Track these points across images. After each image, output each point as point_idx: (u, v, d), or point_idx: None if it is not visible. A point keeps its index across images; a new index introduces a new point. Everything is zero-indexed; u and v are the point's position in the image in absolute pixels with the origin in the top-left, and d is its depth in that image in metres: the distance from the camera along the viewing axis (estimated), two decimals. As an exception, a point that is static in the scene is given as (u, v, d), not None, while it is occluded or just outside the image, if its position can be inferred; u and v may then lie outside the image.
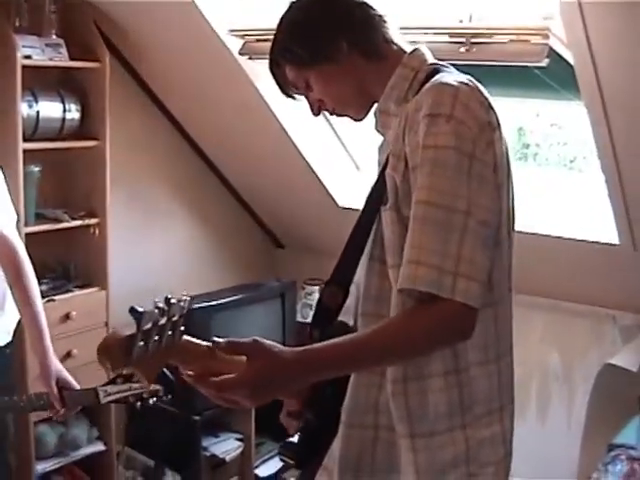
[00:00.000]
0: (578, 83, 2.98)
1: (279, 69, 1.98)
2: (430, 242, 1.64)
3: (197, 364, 1.72)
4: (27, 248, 3.00)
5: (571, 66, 2.97)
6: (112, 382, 2.54)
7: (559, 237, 3.69)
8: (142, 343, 1.59)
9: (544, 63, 3.08)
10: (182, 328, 1.66)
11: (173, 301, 1.60)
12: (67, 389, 2.82)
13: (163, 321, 1.60)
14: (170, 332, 1.64)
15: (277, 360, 1.63)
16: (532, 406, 4.06)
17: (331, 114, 2.03)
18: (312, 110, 2.01)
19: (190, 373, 1.69)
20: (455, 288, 1.61)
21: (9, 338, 2.99)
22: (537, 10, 3.12)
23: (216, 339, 1.65)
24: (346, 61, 1.89)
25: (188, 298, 1.64)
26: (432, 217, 1.65)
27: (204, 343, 1.76)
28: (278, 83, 2.02)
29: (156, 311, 1.57)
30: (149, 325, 1.58)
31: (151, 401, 2.44)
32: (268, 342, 1.65)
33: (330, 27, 1.89)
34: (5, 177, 3.00)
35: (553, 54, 3.07)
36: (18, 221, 3.07)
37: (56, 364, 2.84)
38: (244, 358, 1.63)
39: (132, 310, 1.56)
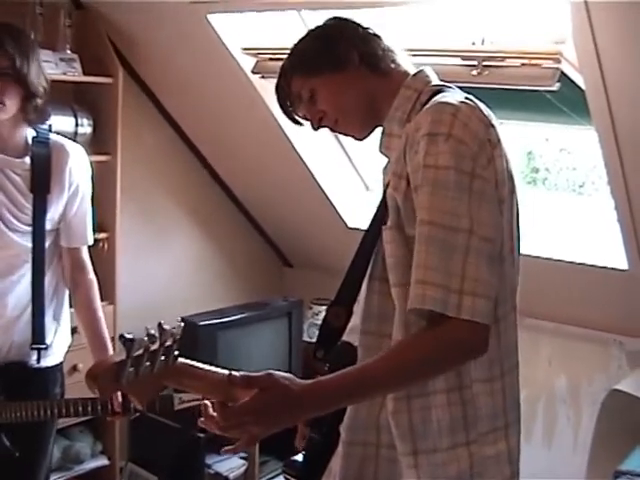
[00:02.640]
0: (589, 108, 2.99)
1: (286, 81, 1.99)
2: (435, 262, 1.65)
3: (195, 386, 1.74)
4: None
5: (582, 90, 2.98)
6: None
7: (568, 262, 3.69)
8: (132, 369, 1.60)
9: (555, 87, 3.09)
10: (176, 353, 1.67)
11: (166, 327, 1.61)
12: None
13: (155, 347, 1.61)
14: (163, 357, 1.65)
15: (287, 392, 1.64)
16: (538, 429, 4.05)
17: (332, 130, 2.03)
18: (312, 124, 2.02)
19: (206, 403, 1.73)
20: (461, 306, 1.62)
21: (61, 359, 3.00)
22: (549, 34, 3.13)
23: (233, 372, 1.66)
24: (355, 73, 1.92)
25: (181, 325, 1.65)
26: (436, 237, 1.66)
27: (202, 366, 1.78)
28: (280, 100, 2.03)
29: (146, 338, 1.58)
30: (140, 351, 1.59)
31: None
32: (281, 374, 1.66)
33: (344, 38, 1.93)
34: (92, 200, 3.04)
35: (564, 78, 3.08)
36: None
37: None
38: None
39: (122, 338, 1.57)
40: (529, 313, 3.54)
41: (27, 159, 2.79)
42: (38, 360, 2.86)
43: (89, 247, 3.05)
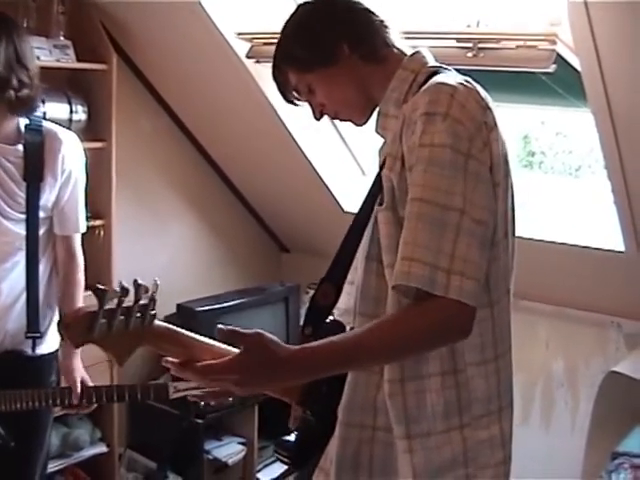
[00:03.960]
0: (585, 89, 2.98)
1: (282, 74, 2.00)
2: (424, 239, 1.64)
3: (177, 352, 1.74)
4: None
5: (578, 72, 2.97)
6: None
7: (564, 244, 3.69)
8: (104, 321, 1.61)
9: (551, 69, 3.08)
10: (152, 312, 1.68)
11: (140, 282, 1.62)
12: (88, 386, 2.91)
13: (129, 303, 1.62)
14: (139, 314, 1.65)
15: (272, 354, 1.63)
16: (536, 412, 4.05)
17: (333, 119, 2.05)
18: (314, 115, 2.03)
19: (173, 360, 1.72)
20: (449, 285, 1.61)
21: (56, 346, 3.01)
22: (544, 16, 3.12)
23: (220, 326, 1.65)
24: (347, 64, 1.91)
25: (158, 283, 1.65)
26: (426, 214, 1.65)
27: (188, 333, 1.79)
28: (280, 89, 2.04)
29: (119, 290, 1.59)
30: (113, 305, 1.60)
31: (212, 403, 2.43)
32: (269, 336, 1.66)
33: (332, 30, 1.92)
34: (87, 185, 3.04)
35: (560, 60, 3.07)
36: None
37: (79, 363, 2.91)
38: (230, 350, 1.66)
39: (94, 288, 1.58)
40: (526, 296, 3.54)
41: (20, 147, 2.79)
42: (33, 348, 2.86)
43: (85, 234, 3.05)
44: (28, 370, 2.88)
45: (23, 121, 2.83)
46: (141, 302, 1.65)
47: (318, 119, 2.03)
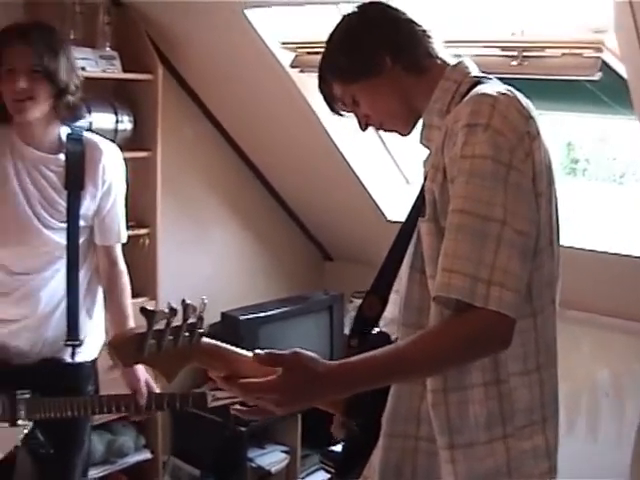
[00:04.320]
0: (631, 97, 2.96)
1: (327, 85, 2.01)
2: (464, 250, 1.64)
3: (222, 367, 1.75)
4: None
5: (624, 80, 2.95)
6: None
7: (609, 253, 3.66)
8: (154, 341, 1.62)
9: (597, 77, 3.06)
10: (201, 331, 1.69)
11: (188, 302, 1.63)
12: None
13: (178, 322, 1.63)
14: (187, 334, 1.66)
15: (311, 372, 1.63)
16: (582, 422, 4.02)
17: (378, 129, 2.05)
18: (360, 126, 2.04)
19: (218, 375, 1.73)
20: (489, 296, 1.60)
21: (95, 355, 3.02)
22: (589, 23, 3.10)
23: (257, 351, 1.66)
24: (390, 76, 1.92)
25: (206, 302, 1.67)
26: (467, 225, 1.65)
27: (232, 348, 1.80)
28: (326, 100, 2.05)
29: (167, 311, 1.60)
30: (162, 325, 1.61)
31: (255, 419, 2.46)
32: (307, 354, 1.66)
33: (375, 42, 1.92)
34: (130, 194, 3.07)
35: (605, 67, 3.05)
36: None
37: (142, 369, 2.88)
38: (277, 369, 1.65)
39: (143, 310, 1.59)
40: (570, 305, 3.51)
41: (61, 156, 2.81)
42: (72, 356, 2.88)
43: (129, 242, 3.06)
44: (66, 378, 2.89)
45: (65, 131, 2.85)
46: (189, 321, 1.66)
47: (364, 130, 2.04)
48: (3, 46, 2.69)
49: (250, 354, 1.75)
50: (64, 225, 2.81)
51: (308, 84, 3.90)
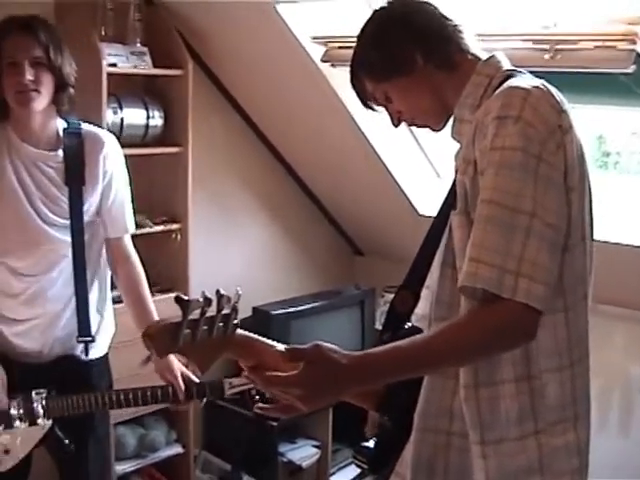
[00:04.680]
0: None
1: (359, 81, 2.02)
2: (492, 241, 1.63)
3: (252, 359, 1.76)
4: (109, 252, 3.04)
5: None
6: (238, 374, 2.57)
7: (642, 247, 3.63)
8: (188, 331, 1.63)
9: (631, 69, 3.03)
10: (235, 322, 1.69)
11: (223, 293, 1.63)
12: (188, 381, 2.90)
13: (212, 313, 1.63)
14: (221, 324, 1.66)
15: (334, 365, 1.63)
16: (614, 418, 3.99)
17: (410, 125, 2.05)
18: (392, 121, 2.04)
19: (246, 364, 1.75)
20: (517, 288, 1.60)
21: (106, 350, 3.03)
22: (622, 15, 3.07)
23: (279, 347, 1.66)
24: (422, 73, 1.91)
25: (240, 292, 1.66)
26: (496, 216, 1.64)
27: (264, 340, 1.81)
28: (358, 95, 2.05)
29: (202, 300, 1.60)
30: (196, 315, 1.61)
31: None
32: (328, 346, 1.65)
33: (405, 41, 1.92)
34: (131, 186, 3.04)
35: (639, 60, 3.02)
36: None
37: (175, 360, 2.88)
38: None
39: (177, 299, 1.59)
40: (603, 300, 3.47)
41: (60, 152, 2.79)
42: (86, 353, 2.88)
43: (161, 238, 3.06)
44: (81, 374, 2.90)
45: (61, 125, 2.83)
46: (224, 312, 1.66)
47: (396, 126, 2.04)
48: (3, 38, 2.66)
49: (279, 346, 1.76)
50: (67, 222, 2.79)
51: (339, 78, 3.89)
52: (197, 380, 2.91)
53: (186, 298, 1.60)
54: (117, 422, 3.88)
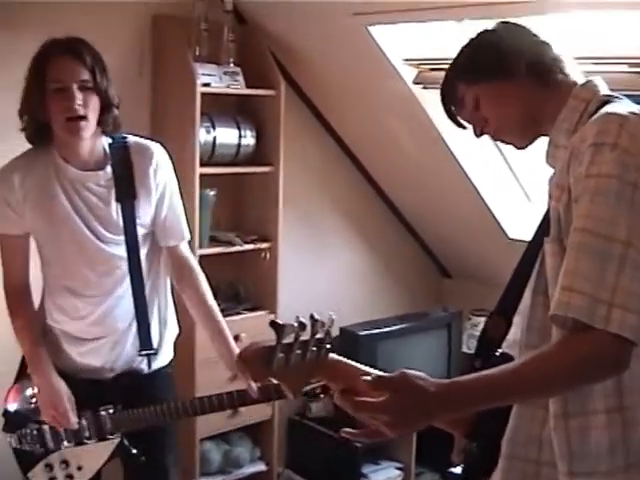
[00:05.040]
0: None
1: (450, 85, 1.99)
2: (585, 270, 1.59)
3: (343, 383, 1.75)
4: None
5: None
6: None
7: None
8: (282, 355, 1.63)
9: None
10: (328, 346, 1.69)
11: (317, 318, 1.63)
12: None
13: (306, 337, 1.63)
14: (314, 348, 1.67)
15: (421, 392, 1.61)
16: None
17: (492, 137, 2.02)
18: (475, 131, 2.01)
19: (336, 388, 1.73)
20: (610, 318, 1.56)
21: (172, 355, 3.02)
22: None
23: (365, 377, 1.65)
24: (521, 82, 1.89)
25: (334, 317, 1.66)
26: (589, 245, 1.60)
27: (356, 364, 1.81)
28: (444, 102, 2.03)
29: (296, 325, 1.60)
30: (290, 339, 1.61)
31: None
32: (415, 373, 1.64)
33: (511, 47, 1.91)
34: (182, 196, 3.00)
35: None
36: (190, 241, 3.07)
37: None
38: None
39: (272, 323, 1.60)
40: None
41: (108, 168, 2.75)
42: (149, 365, 2.88)
43: (251, 256, 3.05)
44: (145, 387, 2.89)
45: (106, 142, 2.79)
46: (317, 336, 1.67)
47: (478, 136, 2.01)
48: (47, 61, 2.61)
49: (373, 371, 1.75)
50: (122, 238, 2.76)
51: (430, 100, 3.89)
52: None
53: (281, 323, 1.60)
54: (203, 438, 3.93)
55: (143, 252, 2.83)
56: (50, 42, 2.65)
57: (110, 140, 2.79)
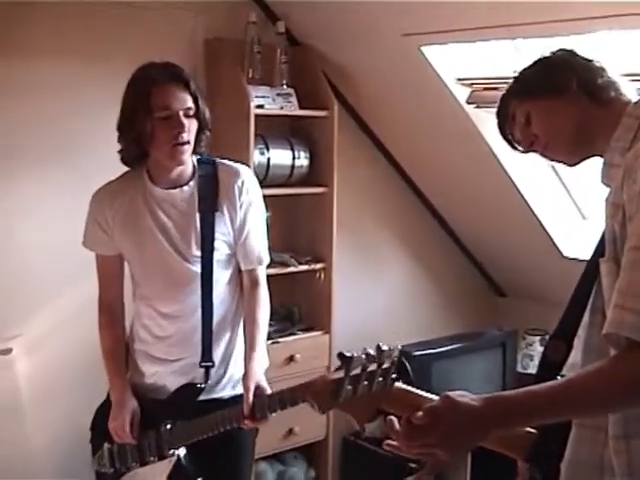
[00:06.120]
0: None
1: (505, 104, 2.01)
2: (637, 288, 1.58)
3: (411, 412, 1.73)
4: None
5: None
6: None
7: None
8: (350, 387, 1.63)
9: None
10: (394, 376, 1.68)
11: (384, 348, 1.63)
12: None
13: (373, 367, 1.63)
14: (381, 379, 1.66)
15: (467, 408, 1.60)
16: None
17: (541, 154, 2.02)
18: (523, 146, 2.02)
19: (392, 418, 1.69)
20: None
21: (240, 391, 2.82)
22: None
23: (417, 414, 1.64)
24: (572, 98, 1.90)
25: (399, 347, 1.66)
26: None
27: (420, 392, 1.78)
28: (498, 119, 2.04)
29: (364, 357, 1.61)
30: (358, 370, 1.61)
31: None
32: (457, 393, 1.63)
33: (565, 66, 1.92)
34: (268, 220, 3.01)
35: None
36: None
37: (258, 372, 2.71)
38: None
39: (340, 355, 1.60)
40: None
41: (192, 183, 2.77)
42: (206, 379, 2.79)
43: (306, 277, 3.03)
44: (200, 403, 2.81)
45: (195, 158, 2.80)
46: (384, 366, 1.67)
47: (526, 152, 2.02)
48: (152, 88, 2.63)
49: (435, 398, 1.74)
50: (199, 252, 2.75)
51: (483, 119, 3.89)
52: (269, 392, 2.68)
53: (349, 355, 1.61)
54: (257, 458, 3.94)
55: (226, 274, 2.82)
56: (149, 67, 2.68)
57: (197, 157, 2.81)
